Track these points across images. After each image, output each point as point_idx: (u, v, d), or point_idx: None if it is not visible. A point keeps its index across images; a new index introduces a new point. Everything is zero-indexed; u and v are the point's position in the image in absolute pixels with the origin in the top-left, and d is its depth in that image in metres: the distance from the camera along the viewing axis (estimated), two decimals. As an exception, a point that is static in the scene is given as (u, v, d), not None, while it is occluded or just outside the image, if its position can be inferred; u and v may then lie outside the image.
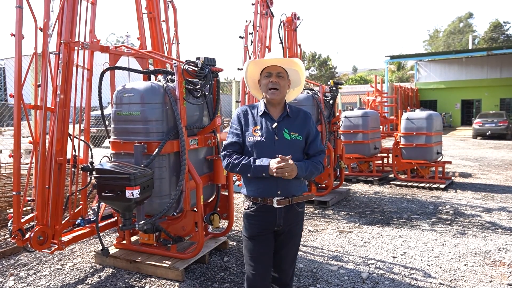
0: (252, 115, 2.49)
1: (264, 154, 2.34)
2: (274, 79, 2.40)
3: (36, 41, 3.71)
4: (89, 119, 4.25)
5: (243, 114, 2.50)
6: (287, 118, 2.45)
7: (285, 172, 2.22)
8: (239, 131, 2.46)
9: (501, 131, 18.85)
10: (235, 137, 2.46)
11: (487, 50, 27.81)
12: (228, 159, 2.42)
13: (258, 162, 2.31)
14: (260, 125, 2.43)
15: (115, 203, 3.49)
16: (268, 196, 2.37)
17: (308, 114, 2.54)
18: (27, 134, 4.30)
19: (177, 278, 3.69)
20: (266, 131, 2.40)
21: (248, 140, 2.41)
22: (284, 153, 2.28)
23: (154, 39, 5.02)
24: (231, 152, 2.44)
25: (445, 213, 6.08)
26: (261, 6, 6.72)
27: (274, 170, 2.22)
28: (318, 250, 4.56)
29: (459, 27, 59.51)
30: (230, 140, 2.47)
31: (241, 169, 2.36)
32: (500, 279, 3.76)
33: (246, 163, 2.34)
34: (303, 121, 2.49)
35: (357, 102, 21.71)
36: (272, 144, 2.37)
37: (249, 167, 2.32)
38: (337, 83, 7.05)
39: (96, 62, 4.32)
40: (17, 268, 4.09)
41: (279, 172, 2.22)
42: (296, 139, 2.41)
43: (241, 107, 2.55)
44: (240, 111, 2.53)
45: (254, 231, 2.43)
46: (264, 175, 2.29)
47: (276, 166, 2.22)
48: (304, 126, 2.47)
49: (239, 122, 2.48)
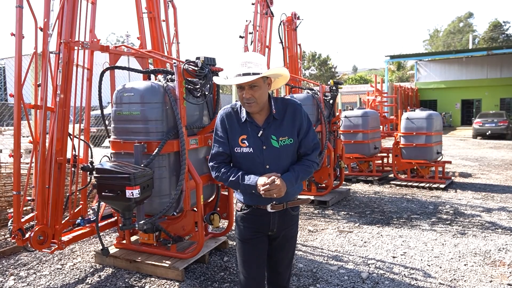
0: (237, 119, 2.30)
1: (253, 165, 2.23)
2: (247, 94, 2.16)
3: (36, 40, 3.71)
4: (89, 118, 4.25)
5: (227, 118, 2.31)
6: (273, 122, 2.25)
7: (272, 193, 2.11)
8: (225, 139, 2.30)
9: (501, 131, 18.85)
10: (221, 146, 2.31)
11: (487, 50, 27.77)
12: (216, 172, 2.31)
13: (246, 180, 2.18)
14: (246, 134, 2.25)
15: (115, 202, 3.49)
16: (262, 204, 2.28)
17: (297, 106, 2.31)
18: (27, 134, 4.30)
19: (177, 278, 3.69)
20: (253, 141, 2.23)
21: (236, 151, 2.27)
22: (274, 163, 2.20)
23: (154, 38, 5.01)
24: (218, 164, 2.32)
25: (445, 213, 6.08)
26: (261, 5, 6.72)
27: (261, 191, 2.11)
28: (318, 250, 4.56)
29: (459, 27, 59.52)
30: (216, 150, 2.33)
31: (229, 185, 2.27)
32: (500, 279, 3.76)
33: (234, 180, 2.22)
34: (291, 119, 2.28)
35: (357, 102, 21.68)
36: (260, 154, 2.22)
37: (237, 184, 2.22)
38: (337, 83, 7.05)
39: (96, 62, 4.32)
40: (17, 268, 4.09)
41: (267, 193, 2.11)
42: (286, 144, 2.24)
43: (224, 110, 2.34)
44: (223, 114, 2.32)
45: (247, 234, 2.34)
46: (254, 192, 2.18)
47: (263, 188, 2.10)
48: (293, 125, 2.27)
49: (223, 129, 2.31)
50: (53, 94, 3.72)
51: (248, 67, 2.15)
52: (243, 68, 2.16)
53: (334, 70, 43.45)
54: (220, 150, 2.32)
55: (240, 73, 2.15)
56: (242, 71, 2.15)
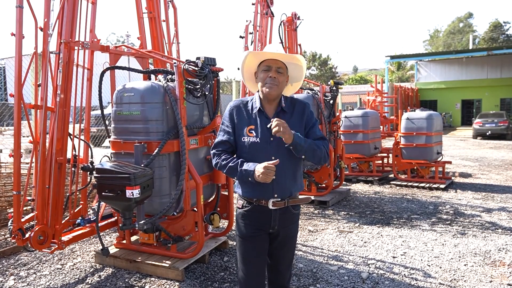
0: (246, 111, 2.33)
1: (258, 156, 2.23)
2: (273, 74, 2.25)
3: (36, 40, 3.71)
4: (89, 118, 4.25)
5: (236, 110, 2.35)
6: (282, 114, 2.31)
7: (271, 174, 2.10)
8: (230, 129, 2.33)
9: (501, 131, 18.84)
10: (226, 135, 2.34)
11: (487, 50, 27.77)
12: (217, 159, 2.32)
13: (245, 167, 2.19)
14: (255, 124, 2.29)
15: (115, 202, 3.49)
16: (264, 198, 2.28)
17: (306, 104, 2.39)
18: (27, 134, 4.30)
19: (177, 278, 3.69)
20: (261, 131, 2.26)
21: (242, 140, 2.29)
22: (279, 155, 2.20)
23: (154, 38, 5.01)
24: (220, 151, 2.34)
25: (445, 213, 6.07)
26: (261, 5, 6.72)
27: (258, 174, 2.11)
28: (318, 250, 4.56)
29: (459, 27, 59.52)
30: (221, 139, 2.35)
31: (227, 171, 2.27)
32: (500, 279, 3.76)
33: (233, 165, 2.23)
34: (300, 114, 2.34)
35: (357, 102, 21.70)
36: (267, 145, 2.25)
37: (235, 170, 2.22)
38: (337, 83, 7.06)
39: (96, 62, 4.32)
40: (17, 268, 4.09)
41: (263, 176, 2.10)
42: None
43: (234, 102, 2.38)
44: (232, 106, 2.37)
45: (248, 232, 2.34)
46: (250, 179, 2.18)
47: (261, 170, 2.10)
48: (301, 119, 2.33)
49: (231, 119, 2.34)
50: (53, 94, 3.72)
51: (281, 49, 2.32)
52: (277, 47, 2.32)
53: (335, 70, 43.44)
54: (224, 138, 2.35)
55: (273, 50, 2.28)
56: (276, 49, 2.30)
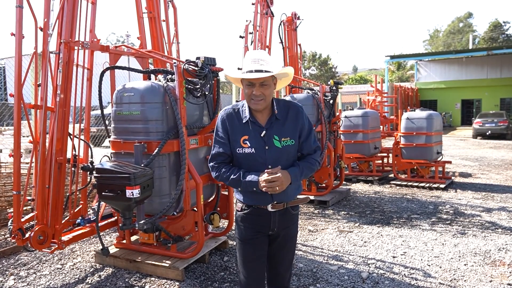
0: (238, 119, 2.28)
1: (254, 166, 2.22)
2: (257, 91, 2.16)
3: (36, 40, 3.72)
4: (89, 118, 4.25)
5: (228, 119, 2.29)
6: (276, 122, 2.26)
7: (275, 186, 2.10)
8: (225, 140, 2.29)
9: (501, 131, 18.85)
10: (222, 147, 2.30)
11: (487, 50, 27.77)
12: (217, 172, 2.30)
13: (248, 178, 2.17)
14: (248, 134, 2.24)
15: (115, 202, 3.49)
16: (263, 204, 2.27)
17: (299, 108, 2.33)
18: (27, 134, 4.31)
19: (177, 278, 3.69)
20: (256, 141, 2.23)
21: (238, 152, 2.26)
22: (276, 163, 2.19)
23: (154, 38, 5.02)
24: (219, 163, 2.31)
25: (445, 213, 6.08)
26: (261, 5, 6.72)
27: (263, 186, 2.11)
28: (318, 250, 4.56)
29: (459, 27, 59.51)
30: (217, 151, 2.31)
31: (230, 183, 2.25)
32: (500, 279, 3.76)
33: (236, 178, 2.21)
34: (294, 120, 2.29)
35: (357, 101, 21.69)
36: (262, 154, 2.22)
37: (239, 182, 2.21)
38: (337, 83, 7.05)
39: (96, 62, 4.33)
40: (17, 268, 4.09)
41: (269, 188, 2.10)
42: (288, 145, 2.25)
43: (224, 110, 2.33)
44: (224, 115, 2.31)
45: (248, 234, 2.33)
46: (255, 189, 2.16)
47: (264, 183, 2.10)
48: (295, 126, 2.29)
49: (224, 129, 2.29)
50: (53, 94, 3.72)
51: (261, 64, 2.15)
52: (256, 65, 2.16)
53: (334, 70, 43.40)
54: (220, 150, 2.31)
55: (252, 69, 2.15)
56: (255, 68, 2.15)
